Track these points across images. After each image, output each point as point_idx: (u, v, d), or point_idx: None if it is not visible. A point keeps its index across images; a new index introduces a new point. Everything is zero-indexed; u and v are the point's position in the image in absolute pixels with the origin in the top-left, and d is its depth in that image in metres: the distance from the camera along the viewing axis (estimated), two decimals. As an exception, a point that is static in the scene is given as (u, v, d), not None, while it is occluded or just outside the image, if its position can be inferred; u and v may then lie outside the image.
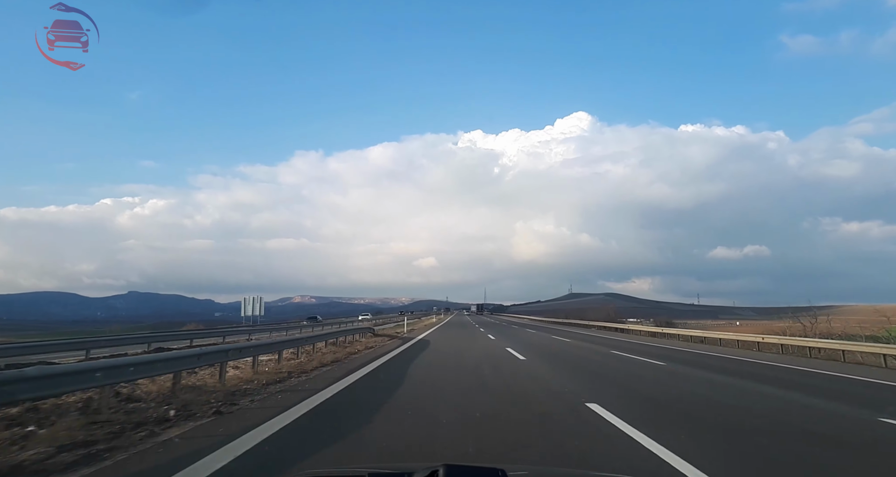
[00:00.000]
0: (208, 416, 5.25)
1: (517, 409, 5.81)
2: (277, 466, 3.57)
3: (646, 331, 30.19)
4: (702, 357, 14.11)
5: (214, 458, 3.68)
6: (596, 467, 3.56)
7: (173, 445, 4.12)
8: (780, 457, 4.01)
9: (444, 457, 3.28)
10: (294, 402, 6.08)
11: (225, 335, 22.65)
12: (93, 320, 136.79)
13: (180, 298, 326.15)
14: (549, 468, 3.39)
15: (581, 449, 4.10)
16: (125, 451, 3.92)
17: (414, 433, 4.62)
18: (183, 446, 4.08)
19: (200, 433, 4.55)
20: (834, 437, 4.72)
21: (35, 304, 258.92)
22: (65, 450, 3.76)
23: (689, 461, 3.58)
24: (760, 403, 6.62)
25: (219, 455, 3.75)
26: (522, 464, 3.49)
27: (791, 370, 11.08)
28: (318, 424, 5.10)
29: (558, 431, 4.73)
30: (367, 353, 13.86)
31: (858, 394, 7.99)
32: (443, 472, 1.26)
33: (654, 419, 5.18)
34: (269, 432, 4.50)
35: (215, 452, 3.83)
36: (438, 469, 1.28)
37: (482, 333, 25.59)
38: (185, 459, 3.65)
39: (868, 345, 14.06)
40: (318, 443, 4.21)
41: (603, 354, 14.64)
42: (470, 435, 4.45)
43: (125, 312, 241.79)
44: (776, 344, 17.03)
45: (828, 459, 3.99)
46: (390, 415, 5.47)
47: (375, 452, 3.95)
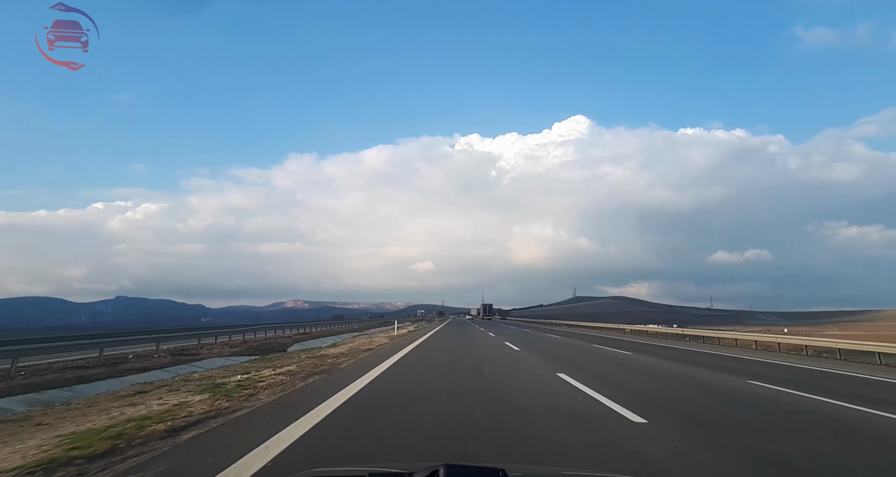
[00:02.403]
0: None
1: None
2: None
3: (699, 335, 26.08)
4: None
5: None
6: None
7: None
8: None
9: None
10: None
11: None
12: (74, 326, 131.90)
13: (169, 303, 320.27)
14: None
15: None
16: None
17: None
18: None
19: None
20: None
21: (19, 309, 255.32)
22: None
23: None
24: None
25: None
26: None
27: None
28: None
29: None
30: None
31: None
32: (443, 472, 1.29)
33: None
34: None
35: None
36: (439, 469, 1.31)
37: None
38: None
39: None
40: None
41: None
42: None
43: (110, 318, 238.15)
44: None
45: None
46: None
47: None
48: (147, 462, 3.68)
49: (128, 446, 4.12)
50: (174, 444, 4.22)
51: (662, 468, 3.57)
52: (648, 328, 36.47)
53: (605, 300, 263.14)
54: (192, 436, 4.49)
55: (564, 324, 53.86)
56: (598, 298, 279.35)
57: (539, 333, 30.61)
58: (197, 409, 5.64)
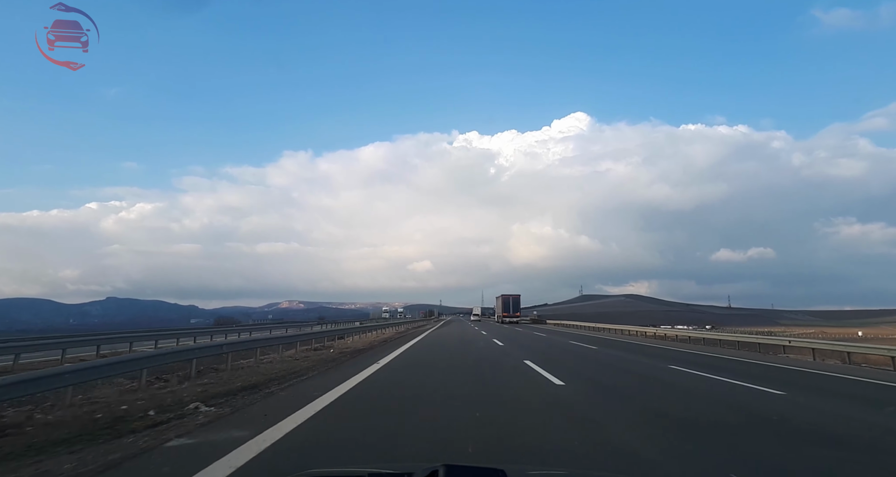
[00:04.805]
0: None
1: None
2: None
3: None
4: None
5: None
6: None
7: None
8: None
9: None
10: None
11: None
12: (61, 327, 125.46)
13: (161, 304, 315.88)
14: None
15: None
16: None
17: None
18: None
19: None
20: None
21: (6, 311, 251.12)
22: None
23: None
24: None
25: None
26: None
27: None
28: None
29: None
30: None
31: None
32: (443, 472, 1.29)
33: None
34: None
35: None
36: (438, 469, 1.31)
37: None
38: None
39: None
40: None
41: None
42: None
43: (99, 319, 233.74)
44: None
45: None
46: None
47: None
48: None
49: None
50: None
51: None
52: (683, 332, 31.83)
53: (617, 298, 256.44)
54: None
55: (581, 325, 46.08)
56: (608, 296, 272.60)
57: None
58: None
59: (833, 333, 66.07)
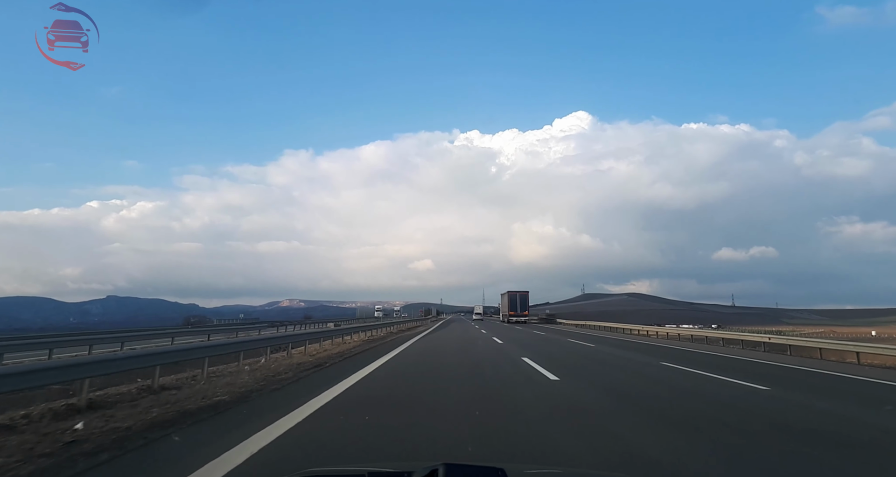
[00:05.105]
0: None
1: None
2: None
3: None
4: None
5: None
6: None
7: None
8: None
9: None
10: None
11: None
12: (61, 326, 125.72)
13: (161, 303, 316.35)
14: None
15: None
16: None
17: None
18: None
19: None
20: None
21: (7, 309, 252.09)
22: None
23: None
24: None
25: None
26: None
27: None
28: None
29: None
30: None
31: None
32: (442, 471, 1.28)
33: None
34: None
35: None
36: (438, 468, 1.30)
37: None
38: None
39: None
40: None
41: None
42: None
43: (99, 318, 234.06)
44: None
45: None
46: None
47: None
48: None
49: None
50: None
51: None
52: (686, 330, 31.10)
53: (620, 297, 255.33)
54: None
55: (597, 325, 45.48)
56: (610, 294, 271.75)
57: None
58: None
59: (844, 333, 65.17)
